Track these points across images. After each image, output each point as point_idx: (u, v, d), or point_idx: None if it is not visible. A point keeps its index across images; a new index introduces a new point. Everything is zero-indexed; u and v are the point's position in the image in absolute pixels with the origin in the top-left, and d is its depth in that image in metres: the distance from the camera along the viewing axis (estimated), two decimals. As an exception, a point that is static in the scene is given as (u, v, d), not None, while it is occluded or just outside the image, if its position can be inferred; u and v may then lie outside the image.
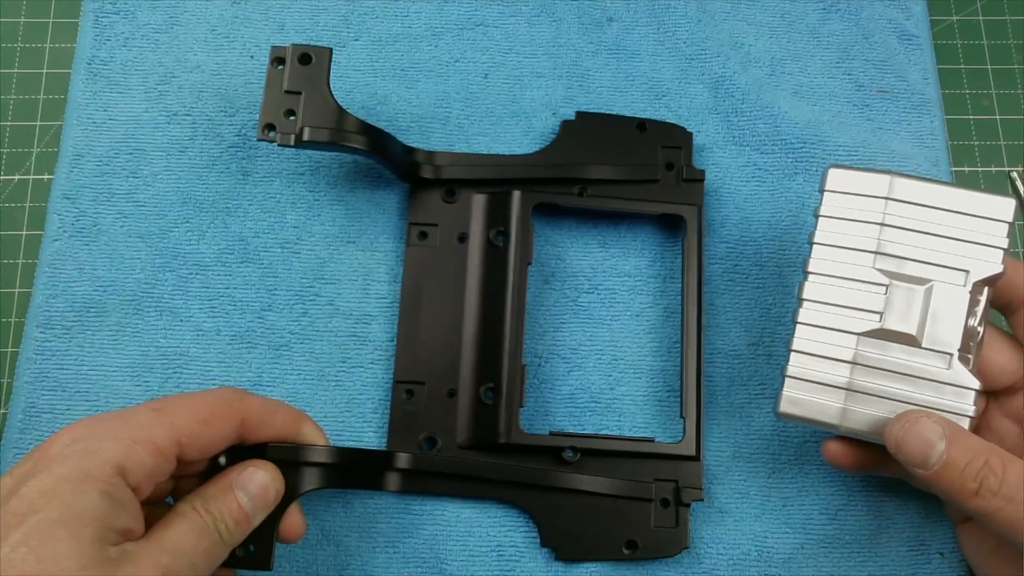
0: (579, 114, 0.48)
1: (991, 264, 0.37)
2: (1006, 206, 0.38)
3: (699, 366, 0.44)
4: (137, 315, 0.45)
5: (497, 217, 0.45)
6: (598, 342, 0.46)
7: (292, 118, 0.42)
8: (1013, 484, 0.34)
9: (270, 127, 0.42)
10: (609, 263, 0.47)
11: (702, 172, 0.47)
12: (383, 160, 0.44)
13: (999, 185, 0.51)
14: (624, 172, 0.47)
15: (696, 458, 0.43)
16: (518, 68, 0.50)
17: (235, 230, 0.47)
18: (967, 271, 0.38)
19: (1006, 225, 0.38)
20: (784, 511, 0.44)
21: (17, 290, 0.47)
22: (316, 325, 0.45)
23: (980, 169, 0.51)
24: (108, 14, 0.49)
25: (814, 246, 0.39)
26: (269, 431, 0.37)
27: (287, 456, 0.37)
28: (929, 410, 0.37)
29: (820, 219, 0.39)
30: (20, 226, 0.48)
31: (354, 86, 0.49)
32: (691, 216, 0.46)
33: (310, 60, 0.42)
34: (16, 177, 0.49)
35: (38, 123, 0.49)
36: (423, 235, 0.46)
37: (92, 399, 0.44)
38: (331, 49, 0.43)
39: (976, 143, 0.51)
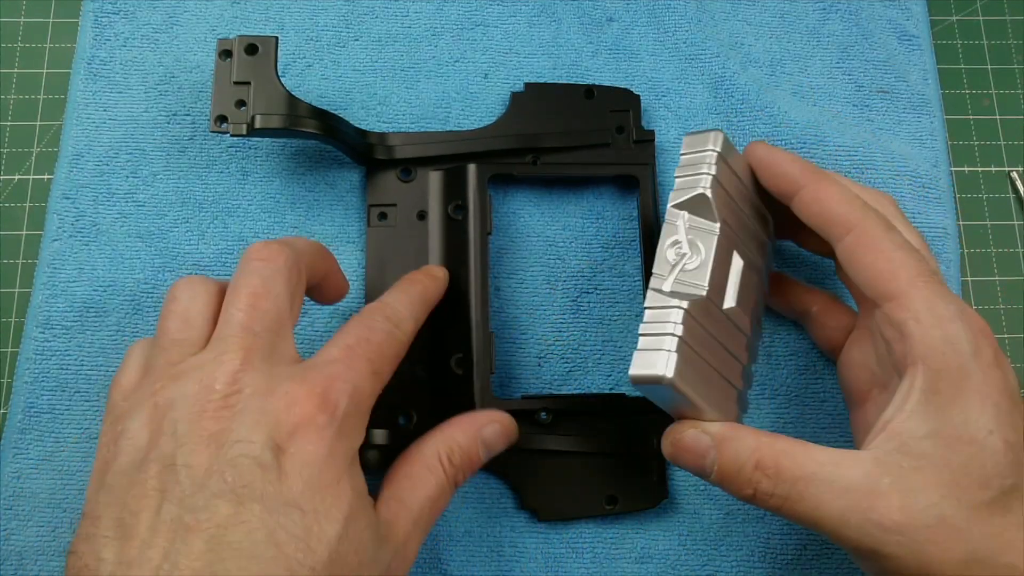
0: (528, 85, 0.49)
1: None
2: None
3: None
4: (137, 315, 0.45)
5: (454, 192, 0.46)
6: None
7: (243, 108, 0.42)
8: (788, 480, 0.32)
9: (222, 119, 0.42)
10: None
11: (651, 132, 0.48)
12: (337, 143, 0.44)
13: (999, 185, 0.51)
14: (575, 138, 0.47)
15: None
16: (518, 68, 0.50)
17: (235, 230, 0.46)
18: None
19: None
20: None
21: (17, 290, 0.47)
22: (316, 325, 0.45)
23: (980, 169, 0.51)
24: (108, 14, 0.49)
25: None
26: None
27: None
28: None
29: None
30: (20, 226, 0.48)
31: (354, 86, 0.49)
32: (643, 175, 0.47)
33: (256, 50, 0.43)
34: (16, 177, 0.49)
35: (38, 123, 0.49)
36: (383, 216, 0.46)
37: (92, 399, 0.44)
38: (277, 38, 0.43)
39: (976, 143, 0.52)
